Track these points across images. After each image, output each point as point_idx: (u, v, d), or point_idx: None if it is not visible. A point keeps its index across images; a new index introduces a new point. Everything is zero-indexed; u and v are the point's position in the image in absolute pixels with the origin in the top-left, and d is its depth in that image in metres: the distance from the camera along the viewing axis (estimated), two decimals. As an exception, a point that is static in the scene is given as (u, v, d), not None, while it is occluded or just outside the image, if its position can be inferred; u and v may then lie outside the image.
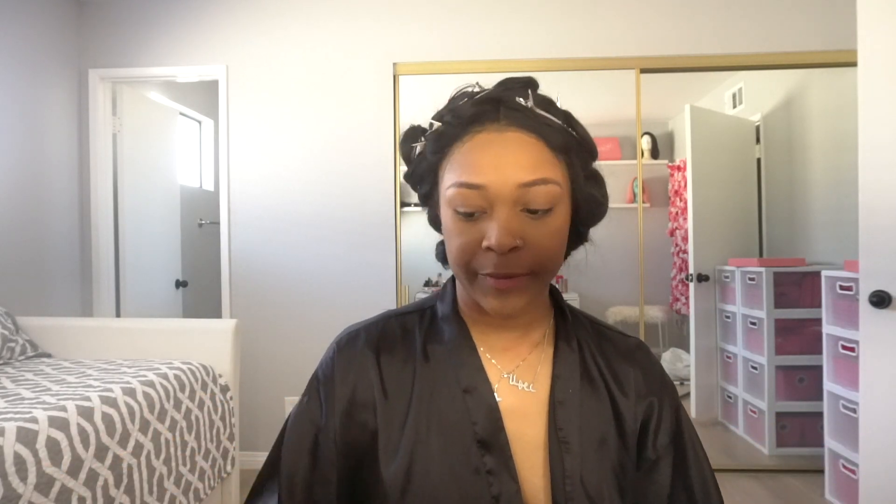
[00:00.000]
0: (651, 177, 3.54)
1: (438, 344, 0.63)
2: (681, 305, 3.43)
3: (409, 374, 0.61)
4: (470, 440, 0.57)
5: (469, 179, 0.54)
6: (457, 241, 0.56)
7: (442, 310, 0.65)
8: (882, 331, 1.40)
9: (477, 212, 0.54)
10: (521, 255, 0.54)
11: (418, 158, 0.61)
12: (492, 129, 0.55)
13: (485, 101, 0.56)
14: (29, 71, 2.41)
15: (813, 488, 2.29)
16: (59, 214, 2.57)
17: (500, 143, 0.55)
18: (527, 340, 0.63)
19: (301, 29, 2.59)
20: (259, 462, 2.55)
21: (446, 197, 0.56)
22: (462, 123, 0.56)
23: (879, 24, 1.41)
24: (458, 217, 0.55)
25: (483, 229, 0.54)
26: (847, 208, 2.52)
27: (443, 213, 0.58)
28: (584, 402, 0.61)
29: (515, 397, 0.60)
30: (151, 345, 1.96)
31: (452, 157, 0.57)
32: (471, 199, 0.54)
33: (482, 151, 0.54)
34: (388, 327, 0.65)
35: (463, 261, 0.56)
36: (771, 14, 2.45)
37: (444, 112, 0.59)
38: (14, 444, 1.07)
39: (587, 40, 2.50)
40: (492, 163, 0.54)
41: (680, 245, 3.42)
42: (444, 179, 0.57)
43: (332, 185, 2.57)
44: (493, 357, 0.62)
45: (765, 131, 3.16)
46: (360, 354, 0.62)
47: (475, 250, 0.55)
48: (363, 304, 2.51)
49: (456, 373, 0.60)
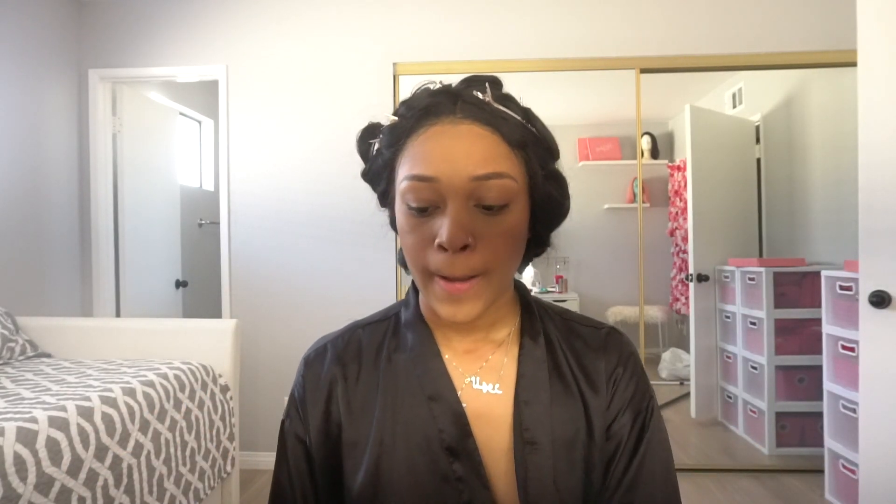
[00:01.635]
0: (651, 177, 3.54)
1: (402, 352, 0.62)
2: (681, 305, 3.43)
3: (374, 385, 0.61)
4: (438, 448, 0.56)
5: (420, 172, 0.52)
6: (409, 239, 0.54)
7: (405, 316, 0.64)
8: (882, 331, 1.41)
9: (430, 206, 0.52)
10: (473, 254, 0.52)
11: (375, 155, 0.59)
12: (446, 122, 0.53)
13: (440, 94, 0.55)
14: (29, 71, 2.41)
15: (813, 488, 2.29)
16: (59, 214, 2.57)
17: (454, 135, 0.52)
18: (490, 341, 0.62)
19: (301, 29, 2.59)
20: (259, 462, 2.56)
21: (399, 191, 0.54)
22: (416, 116, 0.55)
23: (879, 24, 1.41)
24: (410, 213, 0.53)
25: (435, 226, 0.52)
26: (847, 208, 2.52)
27: (397, 212, 0.56)
28: (553, 400, 0.58)
29: (480, 401, 0.59)
30: (151, 345, 1.96)
31: (406, 151, 0.54)
32: (422, 193, 0.52)
33: (434, 143, 0.52)
34: (353, 339, 0.64)
35: (416, 260, 0.54)
36: (771, 14, 2.45)
37: (399, 106, 0.58)
38: (14, 444, 1.07)
39: (587, 40, 2.50)
40: (443, 155, 0.52)
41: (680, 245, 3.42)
42: (398, 173, 0.55)
43: (332, 185, 2.57)
44: (455, 361, 0.61)
45: (765, 131, 3.16)
46: (327, 371, 0.62)
47: (427, 248, 0.53)
48: (363, 304, 2.51)
49: (420, 380, 0.59)
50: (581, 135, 3.23)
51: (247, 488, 2.35)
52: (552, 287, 3.21)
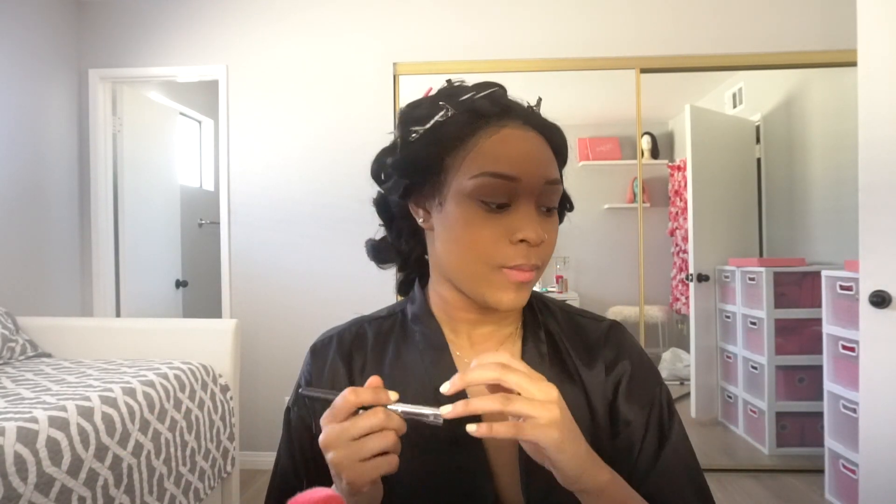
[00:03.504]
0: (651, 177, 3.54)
1: (410, 345, 0.63)
2: (681, 305, 3.43)
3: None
4: (444, 439, 0.57)
5: (503, 170, 0.54)
6: (478, 234, 0.55)
7: (413, 311, 0.66)
8: (882, 331, 1.41)
9: (505, 204, 0.55)
10: (541, 249, 0.56)
11: (415, 144, 0.58)
12: (514, 126, 0.56)
13: (503, 99, 0.58)
14: (29, 71, 2.41)
15: (813, 488, 2.29)
16: (59, 214, 2.57)
17: (528, 140, 0.56)
18: (498, 335, 0.64)
19: (301, 29, 2.59)
20: (259, 462, 2.56)
21: (468, 187, 0.55)
22: (485, 116, 0.56)
23: (879, 24, 1.41)
24: (482, 208, 0.55)
25: (510, 223, 0.55)
26: (847, 208, 2.52)
27: (454, 207, 0.56)
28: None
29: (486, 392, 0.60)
30: (151, 345, 1.96)
31: (477, 147, 0.55)
32: (500, 190, 0.54)
33: (513, 145, 0.55)
34: (360, 332, 0.66)
35: (486, 253, 0.55)
36: (771, 14, 2.45)
37: (457, 103, 0.57)
38: (14, 443, 1.07)
39: (587, 40, 2.50)
40: (524, 156, 0.55)
41: (680, 245, 3.42)
42: (461, 169, 0.56)
43: (332, 185, 2.57)
44: (463, 355, 0.62)
45: (765, 131, 3.16)
46: (333, 361, 0.64)
47: (500, 242, 0.55)
48: (363, 304, 2.49)
49: (427, 373, 0.61)
50: (581, 135, 3.23)
51: (247, 488, 2.35)
52: (552, 287, 3.21)
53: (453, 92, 0.59)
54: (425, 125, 0.58)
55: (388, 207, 0.65)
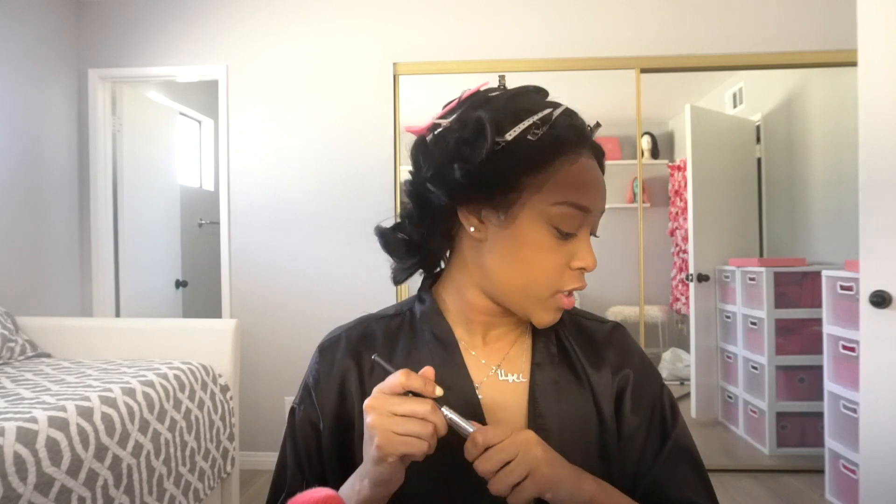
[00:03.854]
0: (651, 177, 3.54)
1: (419, 343, 0.64)
2: (681, 305, 3.43)
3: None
4: (454, 439, 0.57)
5: (583, 202, 0.56)
6: (548, 259, 0.57)
7: (421, 311, 0.65)
8: (882, 331, 1.40)
9: (572, 233, 0.57)
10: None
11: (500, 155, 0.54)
12: (587, 155, 0.58)
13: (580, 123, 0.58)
14: (29, 71, 2.41)
15: (813, 488, 2.29)
16: (59, 214, 2.57)
17: (595, 171, 0.58)
18: (510, 335, 0.65)
19: (301, 29, 2.59)
20: (259, 462, 2.56)
21: (549, 213, 0.55)
22: (568, 141, 0.56)
23: (879, 24, 1.41)
24: (555, 235, 0.56)
25: (571, 250, 0.57)
26: (847, 208, 2.52)
27: (529, 228, 0.56)
28: (563, 389, 0.62)
29: (498, 390, 0.61)
30: (151, 345, 1.96)
31: (559, 172, 0.55)
32: (576, 221, 0.56)
33: (590, 176, 0.57)
34: (367, 330, 0.66)
35: (550, 279, 0.57)
36: (771, 14, 2.45)
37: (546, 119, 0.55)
38: (14, 444, 1.07)
39: (587, 40, 2.50)
40: (597, 189, 0.57)
41: (680, 245, 3.42)
42: (542, 192, 0.55)
43: (332, 185, 2.57)
44: (479, 354, 0.63)
45: (765, 131, 3.16)
46: (341, 360, 0.64)
47: (563, 269, 0.57)
48: (363, 304, 2.49)
49: (437, 370, 0.60)
50: (581, 135, 3.22)
51: (247, 488, 2.35)
52: (552, 287, 3.21)
53: (529, 102, 0.57)
54: (510, 134, 0.54)
55: (428, 203, 0.60)
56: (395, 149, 2.55)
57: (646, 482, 0.61)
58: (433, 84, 2.57)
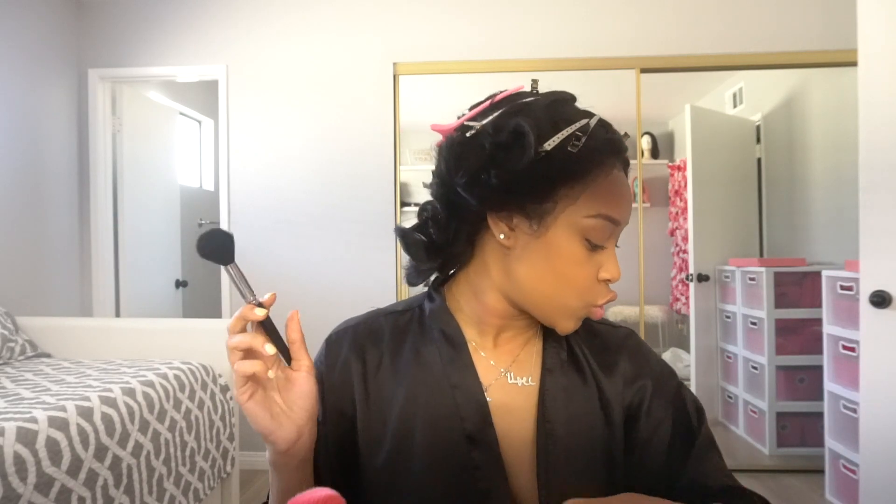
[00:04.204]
0: (651, 177, 3.54)
1: (428, 341, 0.63)
2: (681, 305, 3.43)
3: (396, 371, 0.62)
4: (458, 436, 0.58)
5: (616, 216, 0.56)
6: (579, 271, 0.57)
7: (431, 309, 0.65)
8: (882, 331, 1.40)
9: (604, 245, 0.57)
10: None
11: (538, 164, 0.53)
12: (619, 168, 0.58)
13: (614, 134, 0.58)
14: (29, 71, 2.41)
15: (813, 488, 2.29)
16: (59, 214, 2.57)
17: (626, 184, 0.58)
18: (521, 338, 0.64)
19: (301, 29, 2.59)
20: (259, 462, 2.55)
21: (583, 224, 0.55)
22: (606, 153, 0.56)
23: (879, 24, 1.41)
24: (587, 246, 0.56)
25: (598, 261, 0.58)
26: (847, 208, 2.52)
27: (563, 239, 0.55)
28: (573, 395, 0.61)
29: (506, 393, 0.61)
30: (151, 345, 1.96)
31: (595, 185, 0.55)
32: (608, 233, 0.57)
33: (622, 189, 0.57)
34: (376, 325, 0.66)
35: (581, 290, 0.57)
36: (771, 14, 2.45)
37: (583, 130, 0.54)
38: (14, 444, 1.07)
39: (587, 40, 2.50)
40: (627, 203, 0.58)
41: (680, 245, 3.42)
42: (577, 203, 0.55)
43: (332, 185, 2.57)
44: (488, 356, 0.63)
45: (765, 131, 3.16)
46: (348, 353, 0.63)
47: (592, 281, 0.58)
48: (363, 304, 2.49)
49: (445, 369, 0.61)
50: (581, 135, 3.23)
51: (247, 488, 2.35)
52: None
53: (565, 112, 0.56)
54: (545, 146, 0.53)
55: (456, 207, 0.59)
56: (395, 149, 2.55)
57: (685, 480, 0.61)
58: (433, 84, 2.57)
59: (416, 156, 2.75)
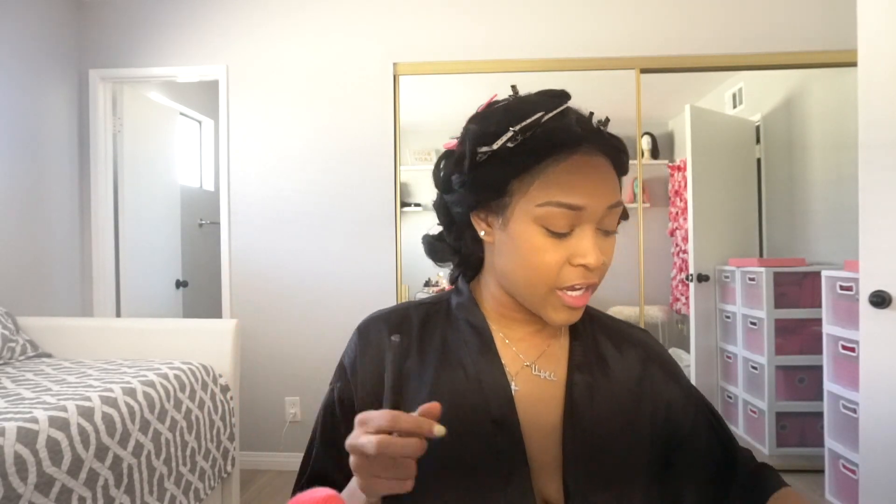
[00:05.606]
0: (651, 177, 3.54)
1: (455, 332, 0.66)
2: (681, 305, 3.43)
3: (426, 359, 0.64)
4: (484, 421, 0.60)
5: (571, 201, 0.56)
6: (541, 258, 0.58)
7: (458, 301, 0.68)
8: (882, 331, 1.40)
9: (569, 231, 0.58)
10: (598, 270, 0.59)
11: (486, 163, 0.59)
12: (583, 152, 0.57)
13: (572, 125, 0.58)
14: (29, 71, 2.41)
15: (813, 488, 2.29)
16: (60, 214, 2.57)
17: (594, 167, 0.58)
18: (545, 333, 0.67)
19: (301, 29, 2.59)
20: (259, 462, 2.56)
21: (535, 213, 0.57)
22: (555, 144, 0.57)
23: (879, 24, 1.41)
24: (546, 234, 0.57)
25: (571, 247, 0.58)
26: (847, 208, 2.52)
27: (521, 229, 0.58)
28: (598, 392, 0.63)
29: (533, 385, 0.63)
30: (151, 345, 1.96)
31: (545, 175, 0.57)
32: (567, 219, 0.57)
33: (581, 174, 0.57)
34: (407, 315, 0.68)
35: (546, 276, 0.58)
36: (771, 14, 2.45)
37: (529, 126, 0.57)
38: (14, 444, 1.07)
39: (587, 40, 2.50)
40: (590, 187, 0.57)
41: (680, 245, 3.42)
42: (526, 195, 0.58)
43: (332, 185, 2.57)
44: (515, 347, 0.65)
45: (765, 131, 3.16)
46: (380, 340, 0.65)
47: (562, 266, 0.58)
48: (363, 304, 2.51)
49: (471, 357, 0.63)
50: (581, 135, 3.22)
51: (247, 488, 2.35)
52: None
53: (521, 111, 0.58)
54: (493, 146, 0.58)
55: (450, 213, 0.67)
56: (395, 149, 2.55)
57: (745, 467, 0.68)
58: (433, 84, 2.57)
59: (416, 156, 2.75)
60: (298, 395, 2.57)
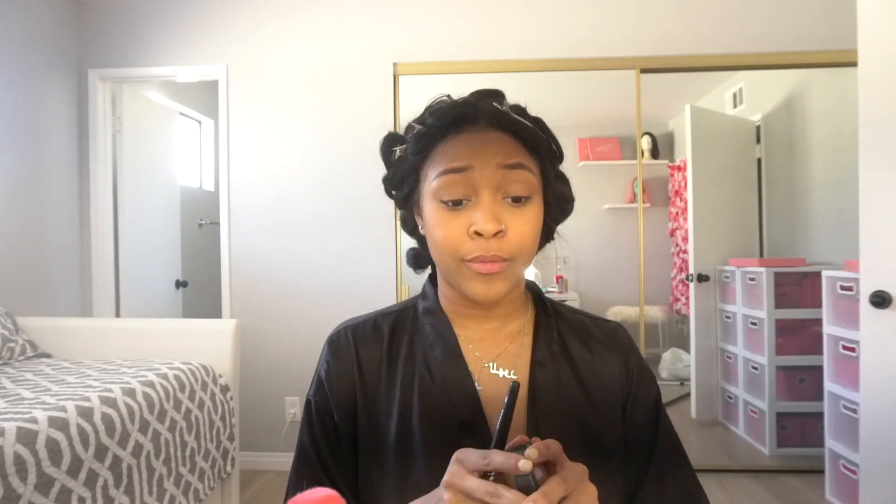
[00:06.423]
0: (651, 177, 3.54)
1: (421, 337, 0.67)
2: (681, 305, 3.43)
3: (394, 367, 0.65)
4: (452, 424, 0.60)
5: (453, 164, 0.57)
6: (442, 231, 0.58)
7: (423, 306, 0.69)
8: (882, 331, 1.40)
9: (463, 199, 0.58)
10: (504, 240, 0.57)
11: (398, 161, 0.65)
12: (473, 130, 0.59)
13: (464, 105, 0.60)
14: (29, 71, 2.41)
15: (813, 488, 2.29)
16: (59, 214, 2.57)
17: (484, 136, 0.59)
18: (505, 330, 0.67)
19: (301, 29, 2.59)
20: (259, 462, 2.55)
21: (431, 189, 0.59)
22: (444, 125, 0.59)
23: (879, 24, 1.41)
24: (443, 207, 0.58)
25: (469, 217, 0.58)
26: (847, 208, 2.52)
27: (427, 210, 0.61)
28: (563, 387, 0.64)
29: (496, 385, 0.63)
30: (151, 345, 1.96)
31: (435, 155, 0.60)
32: (456, 186, 0.57)
33: (465, 143, 0.59)
34: (375, 326, 0.69)
35: (450, 248, 0.58)
36: (771, 14, 2.45)
37: (424, 115, 0.63)
38: (14, 444, 1.07)
39: (587, 40, 2.50)
40: (474, 149, 0.58)
41: (680, 245, 3.42)
42: (427, 177, 0.61)
43: (332, 185, 2.57)
44: (473, 346, 0.65)
45: (765, 131, 3.16)
46: (349, 351, 0.66)
47: (462, 238, 0.58)
48: (363, 305, 2.50)
49: (437, 363, 0.64)
50: (581, 135, 3.22)
51: (247, 489, 2.35)
52: (552, 287, 3.20)
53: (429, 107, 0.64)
54: (402, 145, 0.64)
55: (402, 215, 0.71)
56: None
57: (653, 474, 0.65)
58: (433, 84, 2.57)
59: (416, 156, 2.74)
60: (298, 395, 2.57)
